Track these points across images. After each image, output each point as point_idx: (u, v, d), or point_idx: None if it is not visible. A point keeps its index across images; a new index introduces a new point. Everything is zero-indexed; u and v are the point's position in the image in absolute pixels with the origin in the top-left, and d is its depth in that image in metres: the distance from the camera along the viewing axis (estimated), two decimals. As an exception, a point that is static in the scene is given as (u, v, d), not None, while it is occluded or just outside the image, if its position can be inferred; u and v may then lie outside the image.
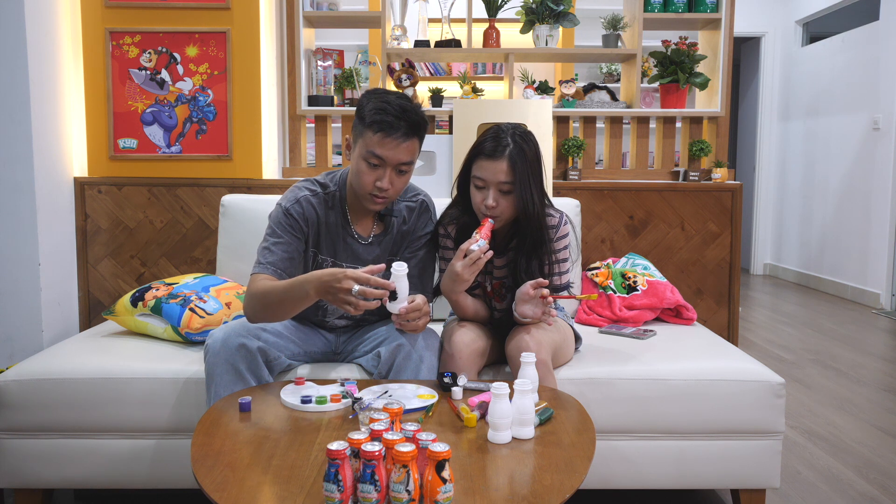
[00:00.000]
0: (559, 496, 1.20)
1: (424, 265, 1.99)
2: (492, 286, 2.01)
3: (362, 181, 1.81)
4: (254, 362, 1.77)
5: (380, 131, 1.76)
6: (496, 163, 1.82)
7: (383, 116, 1.75)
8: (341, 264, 1.94)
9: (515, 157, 1.82)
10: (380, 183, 1.80)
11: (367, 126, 1.77)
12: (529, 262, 1.91)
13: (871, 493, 2.27)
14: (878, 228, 5.30)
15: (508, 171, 1.82)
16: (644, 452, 1.97)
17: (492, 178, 1.83)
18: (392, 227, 1.96)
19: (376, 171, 1.80)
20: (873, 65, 5.42)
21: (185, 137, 2.91)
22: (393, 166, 1.80)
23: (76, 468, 1.96)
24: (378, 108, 1.76)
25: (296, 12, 3.09)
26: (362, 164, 1.80)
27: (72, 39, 2.83)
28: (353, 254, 1.94)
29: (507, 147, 1.82)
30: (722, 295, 3.03)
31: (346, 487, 1.15)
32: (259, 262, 1.83)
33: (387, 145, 1.76)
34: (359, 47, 5.52)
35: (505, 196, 1.84)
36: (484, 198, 1.84)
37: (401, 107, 1.76)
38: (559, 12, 3.12)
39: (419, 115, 1.80)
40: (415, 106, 1.80)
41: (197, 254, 2.94)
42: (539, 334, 1.84)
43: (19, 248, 2.61)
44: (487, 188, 1.84)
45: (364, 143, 1.79)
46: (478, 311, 1.99)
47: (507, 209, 1.86)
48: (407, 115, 1.76)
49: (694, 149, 3.14)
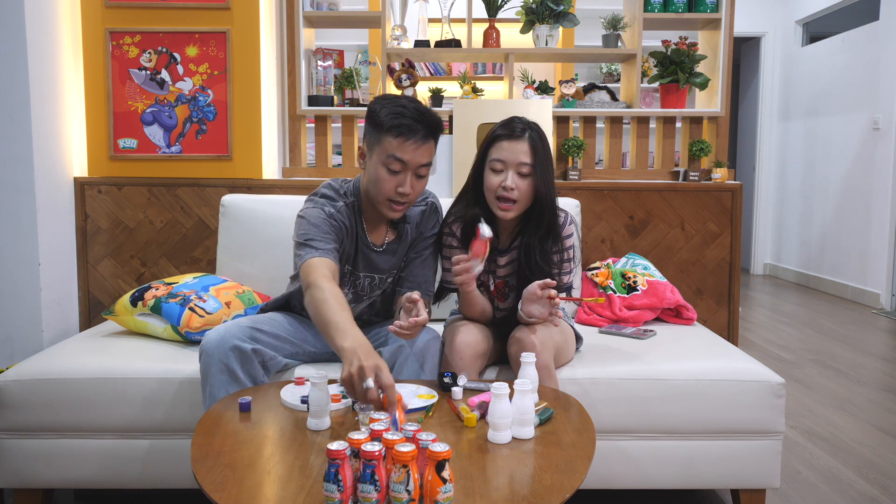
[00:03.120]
0: (559, 496, 1.20)
1: (427, 265, 2.00)
2: (495, 285, 2.01)
3: (383, 188, 1.81)
4: (248, 363, 1.77)
5: (399, 135, 1.76)
6: (518, 143, 1.84)
7: (401, 120, 1.76)
8: (358, 274, 1.96)
9: (536, 140, 1.85)
10: (402, 188, 1.80)
11: (385, 131, 1.77)
12: (543, 246, 1.90)
13: (871, 493, 2.27)
14: (878, 228, 5.30)
15: (530, 152, 1.84)
16: (644, 452, 1.97)
17: (512, 158, 1.84)
18: (406, 234, 1.98)
19: (397, 177, 1.80)
20: (873, 65, 5.42)
21: (185, 137, 2.90)
22: (413, 170, 1.80)
23: (76, 468, 1.96)
24: (394, 112, 1.77)
25: (296, 12, 3.09)
26: (382, 170, 1.80)
27: (72, 39, 2.83)
28: (369, 262, 1.96)
29: (528, 131, 1.86)
30: (722, 295, 3.02)
31: (346, 487, 1.15)
32: (298, 238, 1.78)
33: (407, 148, 1.77)
34: (359, 47, 5.52)
35: (523, 179, 1.84)
36: (502, 181, 1.84)
37: (416, 109, 1.78)
38: (559, 12, 3.12)
39: (435, 116, 1.82)
40: (428, 108, 1.82)
41: (197, 254, 2.94)
42: (543, 335, 1.83)
43: (19, 248, 2.60)
44: (506, 170, 1.84)
45: (383, 148, 1.78)
46: (485, 310, 1.99)
47: (525, 194, 1.85)
48: (424, 118, 1.78)
49: (694, 149, 3.14)
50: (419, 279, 1.97)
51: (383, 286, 2.02)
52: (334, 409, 1.55)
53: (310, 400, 1.46)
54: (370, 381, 1.41)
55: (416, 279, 1.97)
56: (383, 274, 1.99)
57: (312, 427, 1.46)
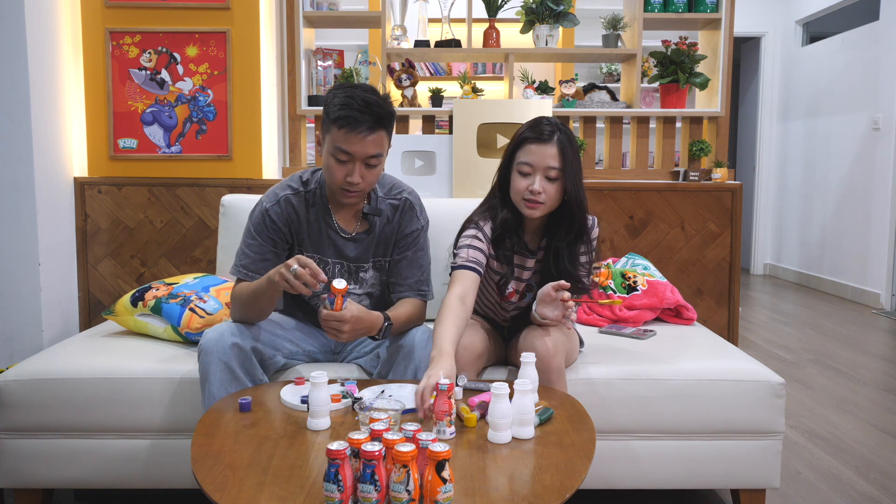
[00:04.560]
0: (559, 496, 1.20)
1: (415, 265, 1.97)
2: (517, 288, 2.00)
3: (333, 176, 1.81)
4: (248, 362, 1.77)
5: (344, 126, 1.74)
6: (546, 147, 1.81)
7: (347, 112, 1.73)
8: (327, 260, 1.94)
9: (565, 143, 1.82)
10: (350, 178, 1.78)
11: (332, 122, 1.76)
12: (572, 249, 1.89)
13: (871, 493, 2.27)
14: (878, 228, 5.30)
15: (558, 156, 1.81)
16: (644, 452, 1.97)
17: (540, 162, 1.81)
18: (375, 226, 1.95)
19: (345, 167, 1.79)
20: (873, 65, 5.42)
21: (185, 137, 2.91)
22: (361, 160, 1.78)
23: (76, 468, 1.96)
24: (342, 103, 1.74)
25: (296, 12, 3.09)
26: (331, 159, 1.79)
27: (72, 39, 2.83)
28: (337, 249, 1.94)
29: (556, 133, 1.83)
30: (722, 295, 3.02)
31: (346, 487, 1.15)
32: (234, 265, 1.90)
33: (352, 140, 1.75)
34: (359, 47, 5.52)
35: (551, 183, 1.83)
36: (529, 184, 1.82)
37: (364, 100, 1.74)
38: (559, 12, 3.12)
39: (384, 107, 1.77)
40: (380, 98, 1.78)
41: (197, 254, 2.94)
42: (556, 338, 1.83)
43: (19, 248, 2.60)
44: (534, 174, 1.82)
45: (331, 138, 1.77)
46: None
47: (552, 197, 1.84)
48: (371, 109, 1.74)
49: (694, 149, 3.14)
50: (409, 280, 1.95)
51: (356, 278, 1.97)
52: (334, 409, 1.55)
53: (310, 400, 1.46)
54: (294, 267, 1.62)
55: (407, 281, 1.95)
56: (352, 262, 1.95)
57: (312, 427, 1.46)
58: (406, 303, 1.92)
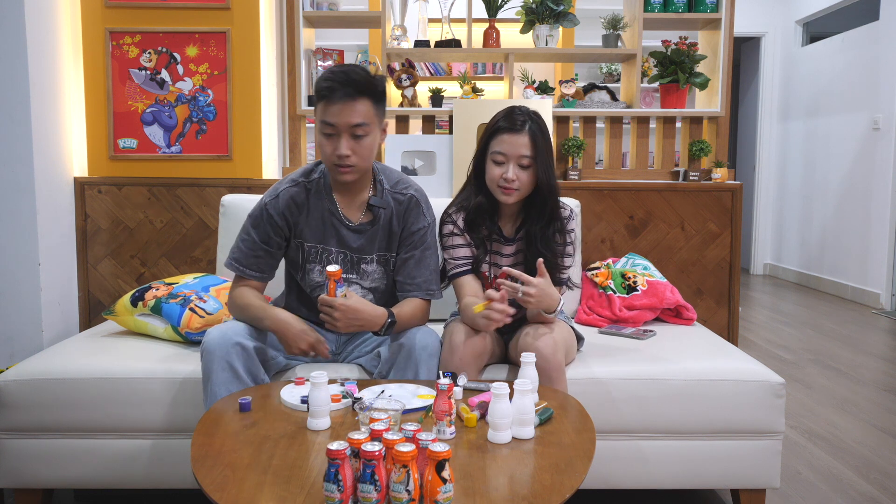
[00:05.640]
0: (559, 496, 1.20)
1: (423, 265, 1.97)
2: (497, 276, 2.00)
3: (324, 154, 1.84)
4: (250, 361, 1.77)
5: (322, 98, 1.78)
6: (518, 136, 1.90)
7: (324, 83, 1.78)
8: (330, 249, 1.94)
9: (537, 132, 1.91)
10: (338, 151, 1.80)
11: (317, 100, 1.81)
12: (545, 232, 1.95)
13: (871, 493, 2.27)
14: (878, 228, 5.30)
15: (530, 144, 1.90)
16: (644, 452, 1.97)
17: (513, 151, 1.90)
18: (379, 218, 1.95)
19: (332, 141, 1.81)
20: (873, 65, 5.42)
21: (185, 137, 2.91)
22: (346, 131, 1.79)
23: (76, 468, 1.96)
24: (324, 77, 1.79)
25: (296, 12, 3.09)
26: (320, 137, 1.83)
27: (72, 39, 2.83)
28: (340, 239, 1.94)
29: (528, 122, 1.91)
30: (722, 295, 3.02)
31: (346, 487, 1.15)
32: (228, 257, 1.96)
33: (332, 111, 1.78)
34: (359, 47, 5.52)
35: (524, 170, 1.91)
36: (503, 172, 1.90)
37: (342, 71, 1.78)
38: (559, 12, 3.12)
39: (362, 74, 1.79)
40: (360, 68, 1.81)
41: (197, 254, 2.94)
42: (557, 338, 1.85)
43: (19, 248, 2.61)
44: (508, 163, 1.90)
45: (317, 116, 1.82)
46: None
47: (525, 184, 1.92)
48: (348, 76, 1.77)
49: (694, 149, 3.14)
50: (418, 280, 1.96)
51: (357, 269, 1.97)
52: (334, 409, 1.55)
53: (310, 400, 1.46)
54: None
55: (416, 280, 1.96)
56: (354, 253, 1.95)
57: (312, 427, 1.46)
58: (412, 301, 1.93)
